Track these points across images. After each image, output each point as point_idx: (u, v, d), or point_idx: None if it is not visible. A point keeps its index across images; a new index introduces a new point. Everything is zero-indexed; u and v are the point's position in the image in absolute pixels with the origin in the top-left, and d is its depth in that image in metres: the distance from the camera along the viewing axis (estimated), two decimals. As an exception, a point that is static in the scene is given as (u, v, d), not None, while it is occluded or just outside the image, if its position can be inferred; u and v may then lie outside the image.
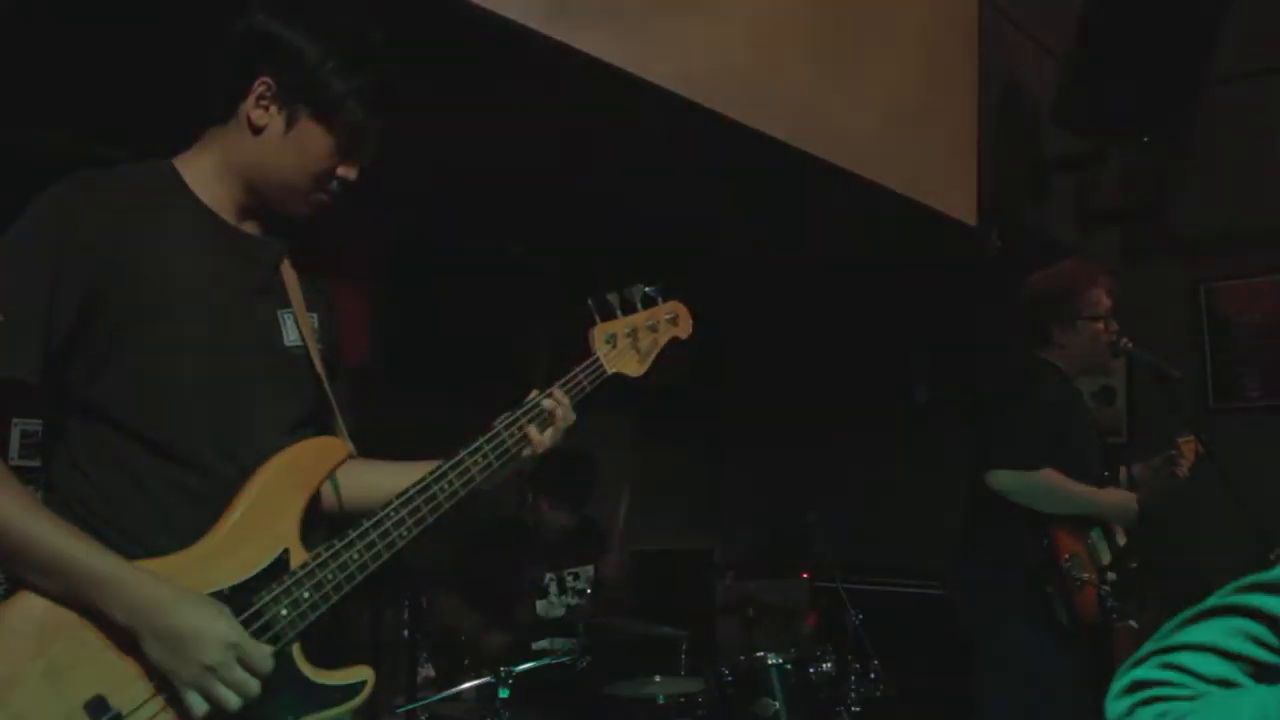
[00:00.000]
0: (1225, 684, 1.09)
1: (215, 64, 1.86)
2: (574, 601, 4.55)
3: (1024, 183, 5.65)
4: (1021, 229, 5.40)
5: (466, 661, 4.37)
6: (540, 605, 4.50)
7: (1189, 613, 1.14)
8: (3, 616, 1.57)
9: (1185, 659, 1.11)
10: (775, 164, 4.26)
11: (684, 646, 4.33)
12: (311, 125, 1.82)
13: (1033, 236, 5.49)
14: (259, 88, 1.80)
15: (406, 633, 4.55)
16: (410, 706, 4.10)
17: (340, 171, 1.88)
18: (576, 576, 4.60)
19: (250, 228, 1.90)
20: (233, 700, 1.60)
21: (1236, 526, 3.66)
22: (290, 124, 1.82)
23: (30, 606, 1.57)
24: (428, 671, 4.75)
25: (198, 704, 1.59)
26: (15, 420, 3.27)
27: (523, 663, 3.68)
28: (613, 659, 4.35)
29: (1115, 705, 1.13)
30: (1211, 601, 1.14)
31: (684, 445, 6.34)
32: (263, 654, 1.64)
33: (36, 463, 1.80)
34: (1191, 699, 1.08)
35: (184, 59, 2.56)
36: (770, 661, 4.07)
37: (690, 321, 2.31)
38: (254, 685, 1.62)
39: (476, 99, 3.65)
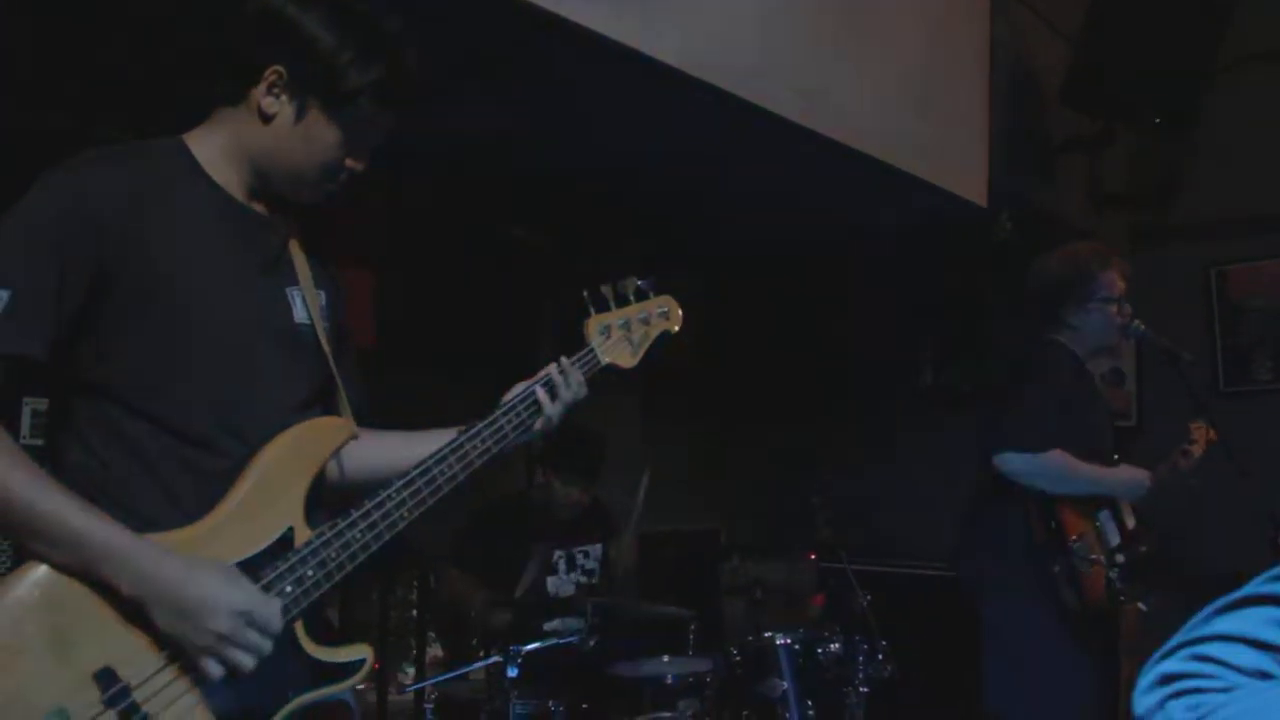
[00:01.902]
0: (1260, 675, 1.07)
1: (228, 45, 1.85)
2: (583, 580, 4.56)
3: (1034, 165, 5.63)
4: (1031, 211, 5.38)
5: (475, 641, 4.38)
6: (551, 582, 4.51)
7: (1219, 603, 1.12)
8: (10, 587, 1.57)
9: (1217, 650, 1.08)
10: (784, 145, 4.25)
11: (692, 627, 4.34)
12: (321, 117, 1.82)
13: (1043, 219, 5.47)
14: (270, 76, 1.79)
15: (415, 613, 4.57)
16: (419, 685, 4.12)
17: (349, 163, 1.88)
18: (586, 555, 4.60)
19: (259, 207, 1.90)
20: (247, 662, 1.62)
21: (1247, 509, 3.65)
22: (300, 115, 1.81)
23: (38, 577, 1.58)
24: (436, 651, 4.77)
25: (213, 669, 1.61)
26: (26, 400, 3.27)
27: (533, 642, 3.69)
28: (621, 639, 4.36)
29: (1144, 699, 1.10)
30: (1244, 591, 1.11)
31: (690, 426, 6.34)
32: (272, 611, 1.65)
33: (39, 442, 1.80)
34: (1225, 690, 1.06)
35: (195, 39, 2.57)
36: (778, 642, 4.07)
37: (681, 315, 2.35)
38: (267, 645, 1.64)
39: (479, 78, 3.65)
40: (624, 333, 2.24)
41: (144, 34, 3.21)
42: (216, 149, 1.85)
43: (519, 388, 2.07)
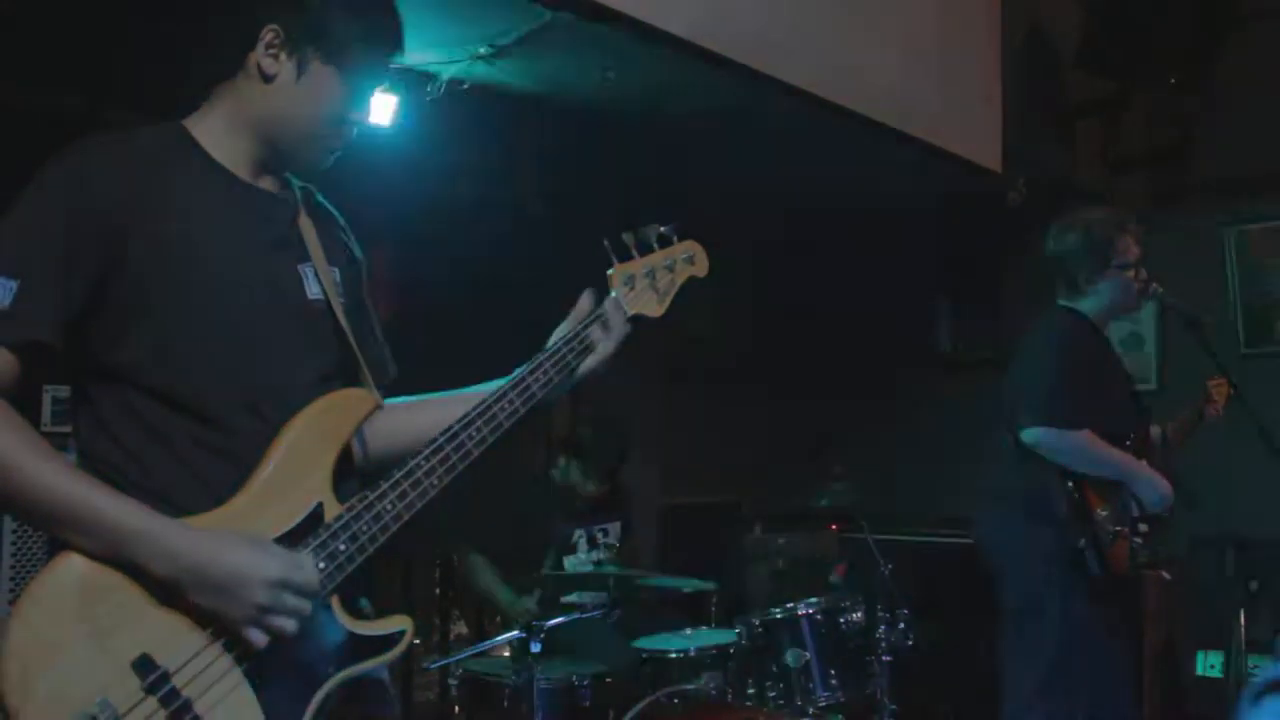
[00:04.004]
0: None
1: (222, 16, 1.86)
2: (603, 556, 4.57)
3: (1049, 129, 5.60)
4: (1047, 176, 5.35)
5: (499, 618, 4.39)
6: (569, 562, 4.52)
7: (1251, 689, 1.13)
8: (45, 580, 1.57)
9: None
10: (796, 113, 4.23)
11: (714, 599, 4.35)
12: (322, 69, 1.82)
13: (1059, 183, 5.44)
14: (267, 35, 1.80)
15: (439, 591, 4.59)
16: (443, 662, 4.14)
17: (354, 116, 1.89)
18: (605, 532, 4.62)
19: (266, 184, 1.90)
20: (290, 626, 1.62)
21: (1269, 471, 3.63)
22: (301, 70, 1.82)
23: (72, 569, 1.58)
24: (460, 628, 4.80)
25: (257, 637, 1.61)
26: (47, 387, 3.29)
27: (553, 617, 3.70)
28: (643, 612, 4.37)
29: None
30: (1270, 676, 1.12)
31: (709, 397, 6.34)
32: (308, 573, 1.65)
33: (69, 428, 1.81)
34: None
35: (192, 19, 2.57)
36: (800, 612, 4.08)
37: (706, 260, 2.28)
38: (306, 606, 1.64)
39: (495, 53, 3.64)
40: (649, 281, 2.16)
41: (153, 15, 3.20)
42: (219, 126, 1.85)
43: (532, 361, 2.01)
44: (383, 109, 3.91)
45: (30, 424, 1.65)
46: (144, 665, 1.57)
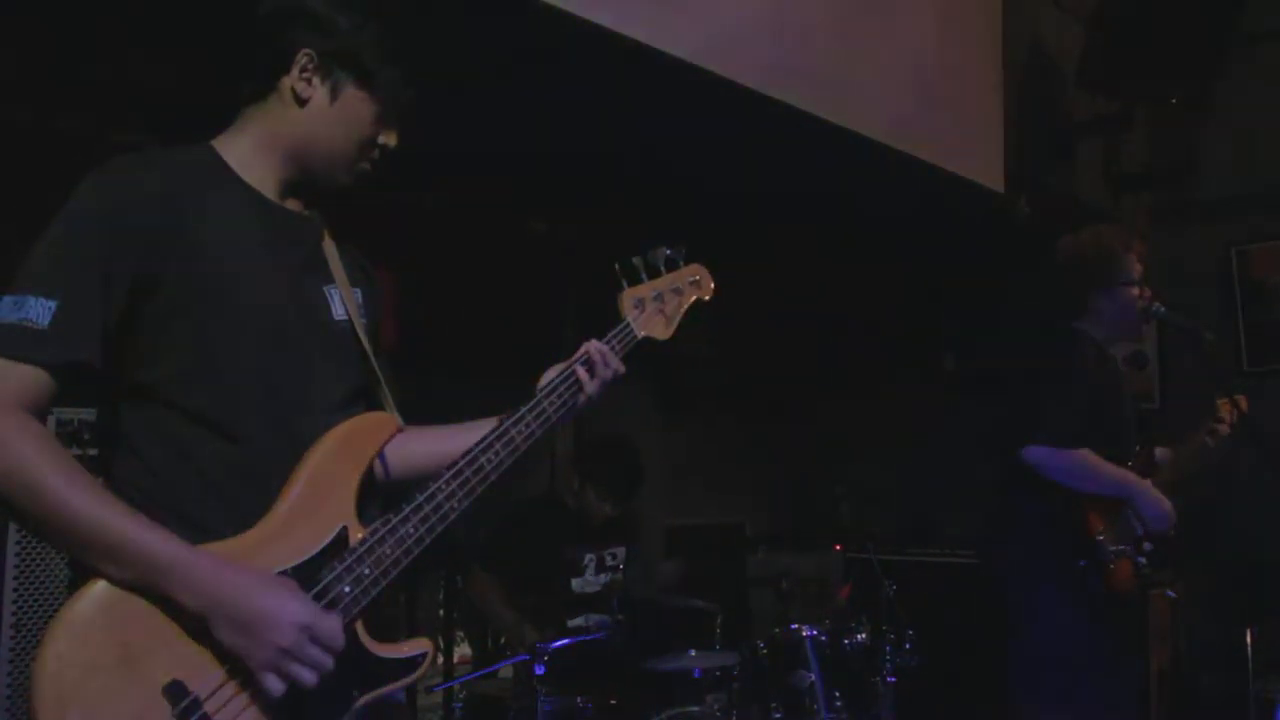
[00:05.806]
0: None
1: (251, 41, 1.89)
2: (609, 578, 4.56)
3: (1051, 148, 5.61)
4: (1050, 195, 5.36)
5: (503, 640, 4.38)
6: (576, 583, 4.51)
7: None
8: (77, 605, 1.56)
9: None
10: (798, 135, 4.24)
11: (719, 620, 4.34)
12: (355, 92, 1.87)
13: (1061, 202, 5.44)
14: (301, 59, 1.84)
15: (443, 612, 4.58)
16: (447, 685, 4.13)
17: (382, 139, 1.93)
18: (614, 555, 4.60)
19: (293, 205, 1.92)
20: (308, 677, 1.61)
21: (1272, 490, 3.62)
22: (335, 93, 1.86)
23: (103, 594, 1.57)
24: (464, 650, 4.78)
25: (274, 684, 1.60)
26: (52, 410, 3.29)
27: (559, 639, 3.69)
28: (648, 634, 4.37)
29: None
30: None
31: (712, 418, 6.33)
32: (334, 629, 1.64)
33: (73, 451, 1.80)
34: None
35: (210, 43, 2.59)
36: (805, 633, 4.07)
37: (711, 283, 2.37)
38: (328, 661, 1.63)
39: (496, 76, 3.65)
40: (657, 304, 2.24)
41: (162, 39, 3.22)
42: (247, 148, 1.87)
43: (555, 370, 2.07)
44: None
45: (64, 449, 1.63)
46: (175, 690, 1.56)
